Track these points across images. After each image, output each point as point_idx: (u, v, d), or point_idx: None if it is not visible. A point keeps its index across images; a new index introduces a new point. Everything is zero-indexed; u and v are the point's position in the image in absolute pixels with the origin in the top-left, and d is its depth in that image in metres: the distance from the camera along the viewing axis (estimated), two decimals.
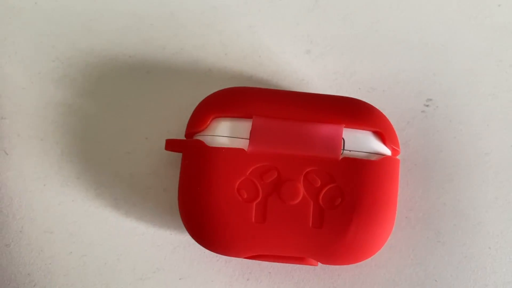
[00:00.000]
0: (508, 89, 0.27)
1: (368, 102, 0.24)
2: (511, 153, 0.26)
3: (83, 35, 0.26)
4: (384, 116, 0.23)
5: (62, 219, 0.24)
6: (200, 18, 0.26)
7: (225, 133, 0.21)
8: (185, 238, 0.24)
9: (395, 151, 0.23)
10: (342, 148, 0.21)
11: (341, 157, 0.21)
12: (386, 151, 0.22)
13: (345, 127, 0.21)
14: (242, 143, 0.21)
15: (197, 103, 0.23)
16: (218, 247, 0.21)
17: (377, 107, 0.25)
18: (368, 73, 0.26)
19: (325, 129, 0.21)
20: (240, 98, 0.22)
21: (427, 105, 0.26)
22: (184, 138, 0.22)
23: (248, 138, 0.21)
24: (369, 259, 0.25)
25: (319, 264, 0.23)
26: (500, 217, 0.25)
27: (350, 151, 0.21)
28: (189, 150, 0.21)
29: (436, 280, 0.25)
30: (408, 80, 0.26)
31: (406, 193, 0.25)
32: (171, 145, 0.22)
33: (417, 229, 0.25)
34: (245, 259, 0.23)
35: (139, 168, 0.25)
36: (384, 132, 0.22)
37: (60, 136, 0.25)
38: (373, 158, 0.21)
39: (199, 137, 0.22)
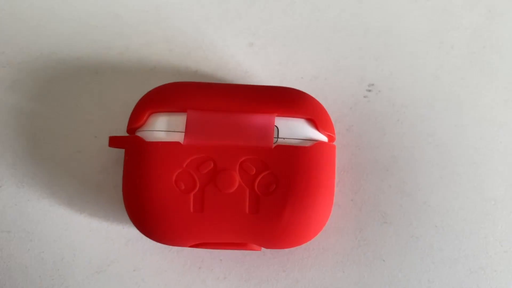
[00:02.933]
0: (450, 70, 0.27)
1: (309, 90, 0.25)
2: (454, 133, 0.26)
3: (31, 40, 0.26)
4: (318, 104, 0.23)
5: (19, 219, 0.25)
6: (144, 16, 0.27)
7: (162, 128, 0.22)
8: (137, 231, 0.25)
9: (331, 138, 0.23)
10: (276, 136, 0.22)
11: (274, 145, 0.22)
12: (321, 137, 0.23)
13: (278, 116, 0.22)
14: (179, 137, 0.22)
15: None
16: (161, 237, 0.22)
17: (320, 94, 0.26)
18: (310, 62, 0.27)
19: (258, 119, 0.22)
20: (175, 93, 0.22)
21: (370, 90, 0.27)
22: (127, 135, 0.23)
23: (184, 131, 0.22)
24: (317, 242, 0.25)
25: (267, 249, 0.24)
26: (445, 196, 0.26)
27: (284, 138, 0.22)
28: (129, 146, 0.22)
29: (384, 260, 0.25)
30: (349, 66, 0.27)
31: (351, 176, 0.26)
32: (114, 142, 0.23)
33: (363, 211, 0.26)
34: (194, 248, 0.23)
35: (90, 166, 0.25)
36: (316, 119, 0.22)
37: (14, 139, 0.26)
38: (307, 144, 0.22)
39: (139, 133, 0.22)
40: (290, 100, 0.22)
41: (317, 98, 0.24)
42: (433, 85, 0.27)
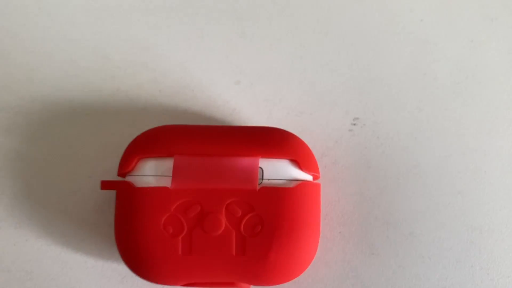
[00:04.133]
0: (433, 101, 0.28)
1: (296, 125, 0.26)
2: (438, 164, 0.27)
3: (26, 84, 0.27)
4: (302, 143, 0.24)
5: (18, 258, 0.26)
6: (133, 58, 0.28)
7: (151, 172, 0.23)
8: None
9: (315, 176, 0.24)
10: (261, 178, 0.23)
11: (259, 186, 0.22)
12: (305, 177, 0.23)
13: (262, 157, 0.23)
14: (167, 181, 0.22)
15: None
16: (152, 278, 0.23)
17: (306, 129, 0.27)
18: (295, 98, 0.27)
19: (242, 162, 0.22)
20: (163, 139, 0.23)
21: (354, 124, 0.27)
22: (118, 177, 0.24)
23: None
24: (307, 274, 0.26)
25: (255, 286, 0.24)
26: (431, 226, 0.26)
27: (269, 179, 0.23)
28: (120, 190, 0.23)
29: None
30: (334, 101, 0.27)
31: (338, 209, 0.26)
32: (105, 185, 0.23)
33: (351, 243, 0.26)
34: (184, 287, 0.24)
35: (85, 205, 0.26)
36: (300, 159, 0.23)
37: (11, 181, 0.26)
38: (291, 185, 0.23)
39: (128, 177, 0.23)
40: (274, 142, 0.23)
41: (303, 133, 0.25)
42: (417, 116, 0.27)
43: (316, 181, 0.24)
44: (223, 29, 0.28)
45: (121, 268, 0.26)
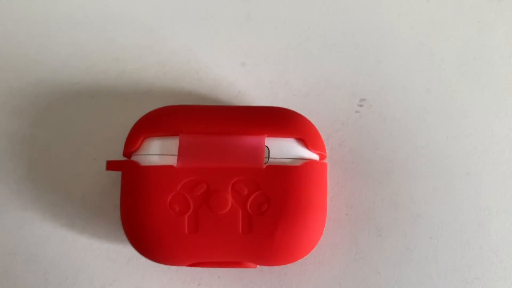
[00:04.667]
0: (441, 82, 0.27)
1: (302, 107, 0.25)
2: (446, 145, 0.27)
3: (30, 67, 0.27)
4: (308, 123, 0.24)
5: (24, 241, 0.26)
6: (138, 41, 0.27)
7: (156, 152, 0.22)
8: None
9: (322, 156, 0.23)
10: (267, 157, 0.22)
11: (265, 165, 0.22)
12: (311, 156, 0.23)
13: (268, 136, 0.22)
14: (172, 160, 0.22)
15: None
16: (158, 258, 0.23)
17: (312, 111, 0.26)
18: (301, 79, 0.27)
19: (248, 141, 0.22)
20: (168, 118, 0.23)
21: (361, 105, 0.27)
22: (124, 158, 0.24)
23: (177, 154, 0.22)
24: (313, 256, 0.26)
25: (261, 266, 0.24)
26: (439, 208, 0.26)
27: (275, 158, 0.22)
28: (125, 170, 0.23)
29: (379, 273, 0.26)
30: (341, 82, 0.27)
31: (345, 191, 0.26)
32: (111, 166, 0.23)
33: (358, 225, 0.26)
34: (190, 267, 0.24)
35: (90, 188, 0.26)
36: (306, 138, 0.23)
37: (16, 164, 0.26)
38: (298, 163, 0.22)
39: (134, 157, 0.23)
40: (280, 121, 0.23)
41: (309, 115, 0.25)
42: (424, 98, 0.27)
43: (323, 161, 0.23)
44: (228, 11, 0.28)
45: (127, 251, 0.26)
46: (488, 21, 0.28)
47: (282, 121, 0.23)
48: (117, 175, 0.25)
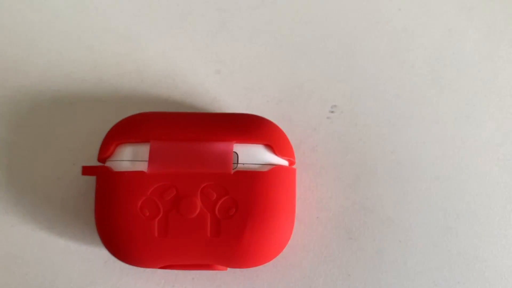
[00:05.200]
0: (411, 88, 0.28)
1: (275, 114, 0.26)
2: (416, 150, 0.27)
3: (11, 74, 0.28)
4: (277, 129, 0.24)
5: (5, 243, 0.26)
6: (116, 49, 0.28)
7: (128, 157, 0.23)
8: None
9: (290, 162, 0.24)
10: (235, 162, 0.23)
11: (234, 170, 0.23)
12: (280, 161, 0.23)
13: (237, 142, 0.23)
14: (143, 166, 0.23)
15: None
16: (130, 260, 0.23)
17: (285, 117, 0.27)
18: (275, 86, 0.28)
19: (217, 147, 0.23)
20: (140, 125, 0.23)
21: (332, 111, 0.28)
22: (99, 163, 0.25)
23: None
24: (284, 258, 0.26)
25: (231, 268, 0.25)
26: (408, 211, 0.27)
27: (244, 164, 0.23)
28: (99, 175, 0.23)
29: (349, 275, 0.26)
30: (313, 89, 0.28)
31: (316, 195, 0.27)
32: (86, 171, 0.24)
33: (328, 228, 0.27)
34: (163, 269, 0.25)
35: (69, 192, 0.27)
36: (274, 144, 0.23)
37: None
38: (265, 169, 0.23)
39: (108, 162, 0.24)
40: (249, 127, 0.23)
41: (282, 121, 0.25)
42: (395, 104, 0.28)
43: (291, 166, 0.24)
44: (204, 20, 0.29)
45: (104, 252, 0.26)
46: (458, 29, 0.28)
47: (251, 127, 0.23)
48: (93, 180, 0.26)
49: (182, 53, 0.28)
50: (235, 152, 0.23)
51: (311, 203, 0.27)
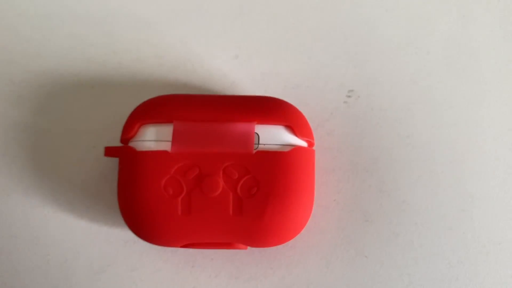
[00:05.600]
0: (426, 74, 0.28)
1: (292, 98, 0.26)
2: (431, 134, 0.28)
3: (33, 60, 0.28)
4: (297, 111, 0.25)
5: (26, 224, 0.27)
6: (135, 34, 0.28)
7: (151, 138, 0.24)
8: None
9: (310, 143, 0.25)
10: (257, 143, 0.23)
11: (255, 150, 0.23)
12: (300, 142, 0.24)
13: (258, 123, 0.23)
14: (166, 146, 0.23)
15: None
16: (153, 239, 0.24)
17: (302, 101, 0.27)
18: (292, 71, 0.28)
19: (238, 127, 0.23)
20: (162, 106, 0.24)
21: (349, 96, 0.28)
22: (121, 144, 0.25)
23: (171, 140, 0.23)
24: (302, 240, 0.27)
25: (253, 248, 0.25)
26: (424, 195, 0.27)
27: (264, 144, 0.24)
28: (122, 155, 0.24)
29: (366, 256, 0.27)
30: (330, 74, 0.28)
31: (333, 178, 0.27)
32: (108, 152, 0.24)
33: (345, 211, 0.27)
34: (186, 248, 0.25)
35: (90, 174, 0.27)
36: (294, 125, 0.24)
37: (19, 151, 0.27)
38: (286, 149, 0.23)
39: (131, 143, 0.24)
40: (269, 109, 0.24)
41: (299, 105, 0.26)
42: (411, 89, 0.28)
43: (310, 148, 0.24)
44: (222, 5, 0.29)
45: (124, 234, 0.27)
46: (473, 16, 0.29)
47: (271, 109, 0.24)
48: (114, 162, 0.27)
49: (200, 39, 0.28)
50: (256, 133, 0.23)
51: (328, 186, 0.27)
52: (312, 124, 0.25)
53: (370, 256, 0.26)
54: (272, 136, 0.24)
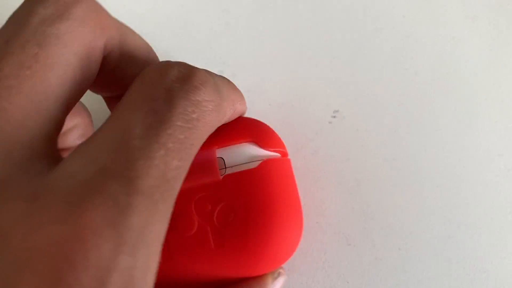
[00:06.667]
0: (414, 95, 0.28)
1: (277, 117, 0.26)
2: (417, 157, 0.27)
3: None
4: (259, 123, 0.23)
5: None
6: None
7: None
8: None
9: (282, 153, 0.23)
10: (223, 167, 0.22)
11: (222, 176, 0.21)
12: (269, 154, 0.22)
13: (219, 147, 0.22)
14: None
15: None
16: None
17: (286, 120, 0.27)
18: (277, 89, 0.27)
19: (199, 157, 0.21)
20: None
21: (334, 116, 0.27)
22: None
23: None
24: (283, 264, 0.26)
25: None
26: (408, 219, 0.26)
27: (232, 167, 0.22)
28: None
29: (347, 282, 0.26)
30: (315, 93, 0.28)
31: (316, 199, 0.26)
32: None
33: (328, 234, 0.26)
34: None
35: None
36: (259, 138, 0.22)
37: None
38: (255, 165, 0.22)
39: None
40: (229, 129, 0.22)
41: (283, 124, 0.25)
42: (397, 110, 0.27)
43: (284, 158, 0.23)
44: (208, 20, 0.28)
45: None
46: (462, 38, 0.28)
47: (231, 129, 0.22)
48: None
49: (185, 53, 0.28)
50: (219, 157, 0.22)
51: (311, 208, 0.26)
52: (296, 143, 0.25)
53: (352, 281, 0.26)
54: (237, 155, 0.22)
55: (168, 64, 0.17)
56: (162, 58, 0.28)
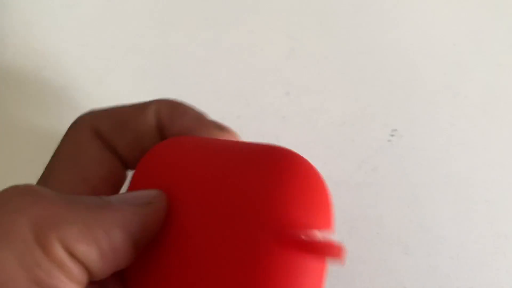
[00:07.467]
0: (464, 117, 0.30)
1: (338, 134, 0.28)
2: (467, 175, 0.29)
3: None
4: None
5: None
6: (195, 72, 0.31)
7: None
8: None
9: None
10: None
11: None
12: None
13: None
14: None
15: None
16: None
17: (347, 137, 0.29)
18: (339, 109, 0.30)
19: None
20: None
21: (393, 135, 0.30)
22: None
23: None
24: (346, 270, 0.28)
25: None
26: (460, 231, 0.28)
27: None
28: None
29: (405, 287, 0.28)
30: (375, 113, 0.30)
31: (376, 212, 0.29)
32: None
33: (387, 243, 0.28)
34: None
35: None
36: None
37: None
38: None
39: None
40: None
41: (344, 141, 0.27)
42: (449, 131, 0.30)
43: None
44: (274, 46, 0.31)
45: None
46: (508, 64, 0.31)
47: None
48: None
49: (255, 76, 0.30)
50: None
51: (372, 219, 0.28)
52: (356, 159, 0.27)
53: (409, 286, 0.28)
54: None
55: None
56: (233, 81, 0.30)
